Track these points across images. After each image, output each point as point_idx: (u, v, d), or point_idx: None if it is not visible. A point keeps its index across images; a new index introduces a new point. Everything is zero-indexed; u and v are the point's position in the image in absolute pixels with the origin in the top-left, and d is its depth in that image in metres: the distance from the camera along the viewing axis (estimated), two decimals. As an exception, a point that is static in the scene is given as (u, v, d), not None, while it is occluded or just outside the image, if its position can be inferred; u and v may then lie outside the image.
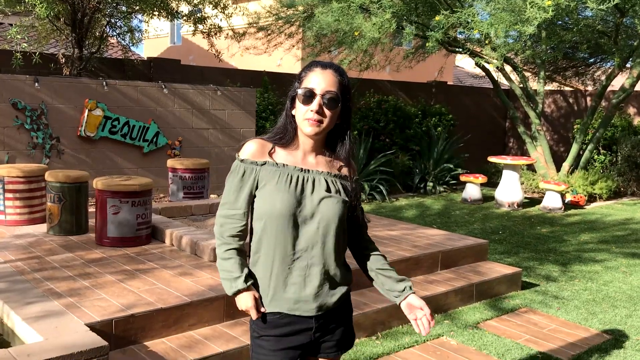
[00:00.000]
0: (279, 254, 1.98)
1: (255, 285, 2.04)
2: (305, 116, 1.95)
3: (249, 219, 2.06)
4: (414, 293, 2.15)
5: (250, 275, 2.04)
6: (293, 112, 2.01)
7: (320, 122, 1.95)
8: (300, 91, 1.96)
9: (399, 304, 2.15)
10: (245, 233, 2.06)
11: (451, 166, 11.09)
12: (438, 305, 4.63)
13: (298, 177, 1.99)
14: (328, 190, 2.00)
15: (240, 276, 2.01)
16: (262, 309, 2.02)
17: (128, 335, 3.40)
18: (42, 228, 5.42)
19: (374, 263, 2.20)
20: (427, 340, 4.11)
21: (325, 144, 2.08)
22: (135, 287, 3.87)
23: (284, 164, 2.00)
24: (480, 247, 5.60)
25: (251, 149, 2.02)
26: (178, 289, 3.86)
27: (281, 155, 2.03)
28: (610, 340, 4.25)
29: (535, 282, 5.63)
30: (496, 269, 5.35)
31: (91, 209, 6.01)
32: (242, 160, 2.03)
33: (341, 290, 2.09)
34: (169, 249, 4.90)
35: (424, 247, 5.32)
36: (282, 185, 1.97)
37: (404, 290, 2.14)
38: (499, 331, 4.34)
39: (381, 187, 9.79)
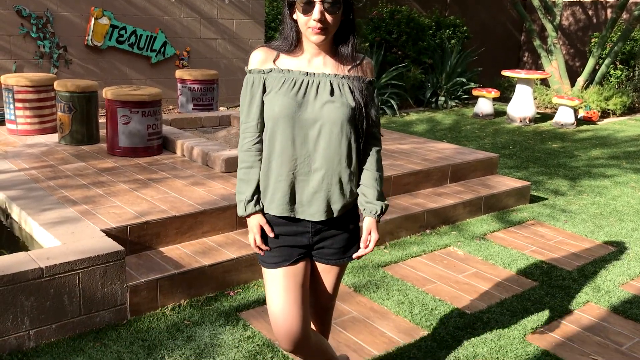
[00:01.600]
0: (281, 158, 1.99)
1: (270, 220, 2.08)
2: (308, 25, 1.89)
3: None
4: (374, 218, 2.08)
5: (258, 201, 2.07)
6: (294, 16, 1.95)
7: (324, 29, 1.89)
8: (298, 1, 1.89)
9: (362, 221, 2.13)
10: (261, 145, 2.06)
11: (464, 80, 10.90)
12: (446, 217, 4.69)
13: (302, 81, 1.96)
14: (332, 93, 1.95)
15: (247, 200, 2.05)
16: (269, 233, 2.06)
17: (143, 241, 3.49)
18: (54, 138, 5.44)
19: (362, 178, 2.11)
20: (435, 250, 4.20)
21: (334, 42, 2.00)
22: (149, 196, 3.93)
23: (288, 70, 1.98)
24: (491, 161, 5.60)
25: (257, 57, 2.02)
26: (191, 198, 3.91)
27: (286, 61, 2.00)
28: (614, 252, 4.32)
29: (544, 196, 5.67)
30: (505, 183, 5.37)
31: (101, 120, 6.01)
32: (250, 71, 2.03)
33: (342, 198, 2.03)
34: (180, 159, 4.93)
35: (434, 160, 5.32)
36: (284, 90, 1.95)
37: (366, 209, 2.09)
38: (506, 242, 4.42)
39: (392, 101, 9.68)
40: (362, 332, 3.08)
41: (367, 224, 2.09)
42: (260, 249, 2.09)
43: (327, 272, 2.17)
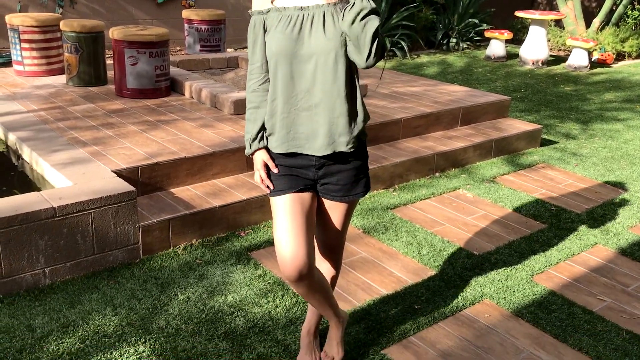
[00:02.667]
0: (283, 95, 2.01)
1: (277, 157, 2.11)
2: None
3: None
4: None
5: (263, 139, 2.12)
6: None
7: None
8: None
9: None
10: (267, 85, 2.09)
11: (476, 21, 10.64)
12: (456, 160, 4.67)
13: (298, 16, 1.96)
14: (324, 24, 1.94)
15: (252, 138, 2.12)
16: (273, 168, 2.11)
17: (153, 182, 3.51)
18: (61, 79, 5.41)
19: None
20: (444, 193, 4.21)
21: None
22: (158, 137, 3.93)
23: (284, 7, 1.99)
24: (502, 104, 5.53)
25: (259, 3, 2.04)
26: (200, 140, 3.91)
27: None
28: (624, 195, 4.31)
29: (555, 139, 5.62)
30: (516, 126, 5.32)
31: (109, 61, 5.95)
32: (252, 14, 2.06)
33: (346, 131, 2.02)
34: (188, 101, 4.90)
35: (444, 103, 5.26)
36: (280, 27, 1.97)
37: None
38: (515, 185, 4.41)
39: (402, 43, 9.50)
40: (371, 272, 3.13)
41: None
42: (267, 186, 2.14)
43: (334, 209, 2.18)
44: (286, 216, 2.06)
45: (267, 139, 2.12)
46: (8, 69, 5.76)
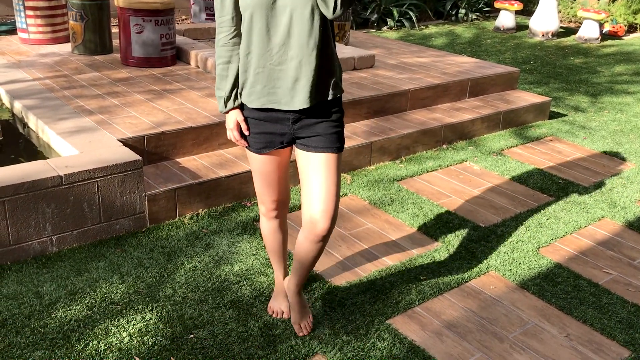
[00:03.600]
0: (258, 49, 1.99)
1: (251, 112, 2.11)
2: None
3: (239, 25, 2.04)
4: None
5: (237, 96, 2.11)
6: None
7: None
8: None
9: None
10: (237, 40, 2.06)
11: (486, -8, 10.48)
12: (463, 132, 4.64)
13: None
14: None
15: (227, 96, 2.10)
16: (245, 131, 2.13)
17: (160, 151, 3.50)
18: (67, 47, 5.36)
19: None
20: (451, 165, 4.19)
21: None
22: (164, 107, 3.91)
23: None
24: (511, 76, 5.47)
25: None
26: (206, 109, 3.88)
27: None
28: (633, 169, 4.28)
29: (564, 112, 5.57)
30: (525, 98, 5.27)
31: (114, 30, 5.90)
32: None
33: (323, 84, 2.04)
34: (194, 70, 4.86)
35: (453, 74, 5.20)
36: None
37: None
38: (523, 158, 4.38)
39: (410, 14, 9.37)
40: (377, 242, 3.13)
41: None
42: (241, 142, 2.18)
43: (318, 161, 2.11)
44: (262, 173, 2.23)
45: (240, 95, 2.10)
46: (13, 37, 5.72)
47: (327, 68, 2.04)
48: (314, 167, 2.11)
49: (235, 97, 2.10)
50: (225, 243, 3.03)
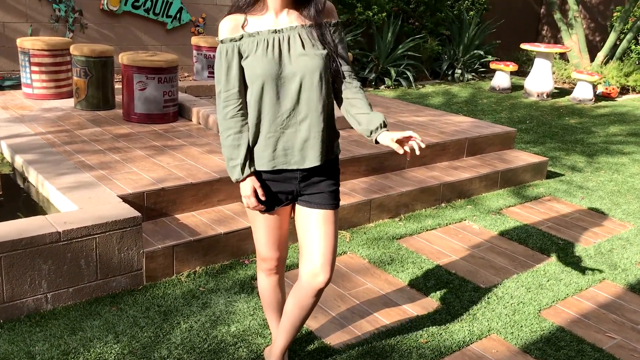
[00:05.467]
0: (269, 116, 2.06)
1: (258, 175, 2.14)
2: None
3: (245, 96, 2.11)
4: (387, 130, 2.10)
5: (252, 163, 2.13)
6: None
7: None
8: None
9: (376, 140, 2.12)
10: (245, 111, 2.10)
11: (481, 53, 10.73)
12: (462, 191, 4.66)
13: (273, 39, 2.02)
14: (303, 46, 2.03)
15: (242, 163, 2.11)
16: (261, 196, 2.14)
17: (159, 207, 3.50)
18: (70, 102, 5.43)
19: (352, 108, 2.15)
20: (450, 224, 4.18)
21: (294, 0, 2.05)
22: (165, 163, 3.92)
23: (257, 32, 2.03)
24: (508, 135, 5.54)
25: (226, 27, 2.06)
26: (207, 166, 3.90)
27: (254, 24, 2.05)
28: (631, 230, 4.28)
29: (561, 172, 5.61)
30: (522, 158, 5.31)
31: (117, 85, 5.99)
32: (222, 42, 2.07)
33: (329, 143, 2.16)
34: (195, 127, 4.91)
35: (450, 133, 5.27)
36: (260, 52, 2.02)
37: (378, 127, 2.09)
38: (522, 217, 4.38)
39: (408, 73, 9.56)
40: (376, 303, 3.09)
41: (386, 135, 2.07)
42: (259, 208, 2.18)
43: (319, 219, 2.16)
44: (266, 230, 2.24)
45: (255, 156, 2.14)
46: (17, 92, 5.80)
47: (331, 127, 2.17)
48: (314, 223, 2.17)
49: (251, 164, 2.12)
50: (223, 302, 2.99)
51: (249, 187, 2.13)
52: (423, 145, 2.07)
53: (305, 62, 2.01)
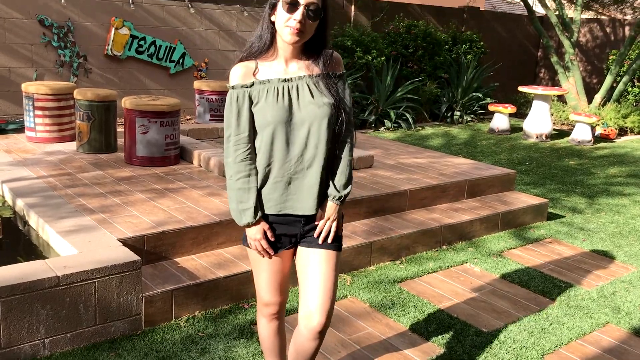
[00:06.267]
0: (278, 160, 2.11)
1: (265, 218, 2.17)
2: (287, 24, 2.01)
3: (254, 141, 2.15)
4: (336, 203, 2.19)
5: (261, 206, 2.16)
6: (272, 18, 2.08)
7: (301, 31, 2.02)
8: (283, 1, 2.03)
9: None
10: (253, 155, 2.14)
11: (480, 95, 10.86)
12: (463, 233, 4.65)
13: (283, 88, 2.09)
14: (312, 95, 2.10)
15: (254, 207, 2.12)
16: (271, 238, 2.16)
17: (159, 251, 3.49)
18: (72, 146, 5.48)
19: (336, 164, 2.23)
20: (451, 266, 4.16)
21: (304, 49, 2.13)
22: (165, 206, 3.93)
23: (268, 80, 2.10)
24: (507, 177, 5.56)
25: (237, 73, 2.13)
26: (207, 208, 3.91)
27: (264, 71, 2.12)
28: (634, 273, 4.25)
29: (561, 213, 5.61)
30: (522, 199, 5.32)
31: (120, 129, 6.05)
32: (232, 87, 2.13)
33: (333, 190, 2.20)
34: (197, 169, 4.94)
35: (450, 175, 5.29)
36: (270, 99, 2.08)
37: (330, 196, 2.20)
38: (523, 260, 4.36)
39: (407, 115, 9.66)
40: (377, 348, 3.05)
41: (328, 207, 2.19)
42: (267, 252, 2.19)
43: (320, 259, 2.19)
44: (269, 274, 2.24)
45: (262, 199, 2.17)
46: (20, 135, 5.86)
47: (335, 172, 2.21)
48: (315, 264, 2.19)
49: (261, 207, 2.15)
50: (222, 348, 2.95)
51: (259, 230, 2.15)
52: (322, 236, 2.19)
53: (313, 110, 2.08)
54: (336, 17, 10.73)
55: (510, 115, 10.49)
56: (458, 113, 10.69)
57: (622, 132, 10.50)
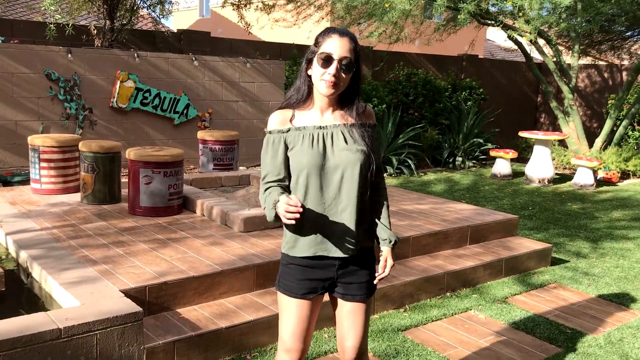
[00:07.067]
0: (312, 204, 2.21)
1: (297, 261, 2.27)
2: (322, 77, 2.15)
3: (288, 183, 2.26)
4: (390, 247, 2.33)
5: (296, 249, 2.26)
6: (309, 72, 2.22)
7: (336, 84, 2.15)
8: (319, 55, 2.15)
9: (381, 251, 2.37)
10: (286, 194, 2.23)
11: (481, 141, 10.96)
12: (466, 280, 4.62)
13: (318, 134, 2.21)
14: (346, 142, 2.22)
15: (279, 196, 2.18)
16: (299, 204, 2.02)
17: (161, 302, 3.48)
18: (76, 197, 5.53)
19: (376, 210, 2.38)
20: (455, 314, 4.12)
21: (339, 100, 2.26)
22: (168, 256, 3.94)
23: (304, 126, 2.22)
24: (510, 222, 5.56)
25: (275, 120, 2.26)
26: (209, 258, 3.92)
27: (301, 119, 2.25)
28: (641, 318, 4.21)
29: (565, 258, 5.58)
30: (525, 245, 5.31)
31: (124, 179, 6.11)
32: (270, 132, 2.27)
33: (365, 233, 2.29)
34: (199, 219, 4.97)
35: (452, 221, 5.30)
36: (306, 144, 2.20)
37: (385, 240, 2.34)
38: (528, 306, 4.32)
39: (409, 162, 9.73)
40: (382, 399, 3.00)
41: (385, 251, 2.33)
42: (296, 209, 2.04)
43: (355, 312, 2.32)
44: (296, 319, 2.28)
45: (292, 243, 2.26)
46: (25, 187, 5.92)
47: (369, 218, 2.32)
48: (349, 313, 2.32)
49: (297, 248, 2.25)
50: (224, 400, 2.91)
51: (283, 200, 2.04)
52: (378, 279, 2.34)
53: (347, 156, 2.19)
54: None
55: (512, 160, 10.56)
56: (460, 159, 10.77)
57: (624, 175, 10.53)
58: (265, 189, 2.24)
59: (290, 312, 2.28)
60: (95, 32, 8.61)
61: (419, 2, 8.22)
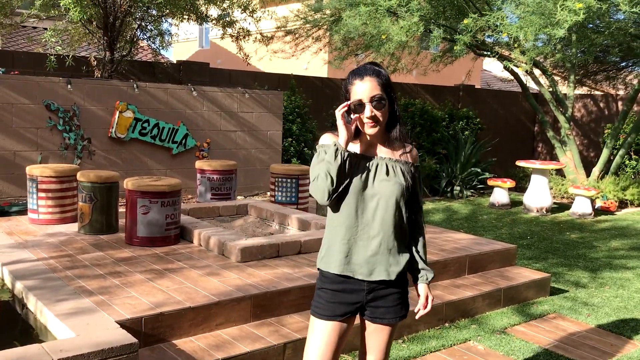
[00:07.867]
0: (346, 224, 2.35)
1: (329, 278, 2.42)
2: (363, 121, 2.32)
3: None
4: (426, 283, 2.53)
5: (327, 264, 2.42)
6: (352, 116, 2.36)
7: (376, 122, 2.31)
8: (352, 103, 2.31)
9: (416, 286, 2.55)
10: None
11: (478, 170, 11.00)
12: (465, 310, 4.59)
13: (365, 163, 2.36)
14: (387, 173, 2.35)
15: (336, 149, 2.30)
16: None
17: (157, 333, 3.45)
18: (74, 227, 5.52)
19: (413, 245, 2.52)
20: (454, 345, 4.09)
21: (385, 129, 2.39)
22: (164, 286, 3.92)
23: (355, 153, 2.38)
24: (508, 252, 5.54)
25: (329, 139, 2.40)
26: (206, 289, 3.89)
27: (351, 148, 2.40)
28: (642, 349, 4.17)
29: (565, 288, 5.55)
30: (524, 274, 5.29)
31: (121, 209, 6.10)
32: (322, 146, 2.40)
33: (396, 262, 2.38)
34: (197, 249, 4.95)
35: (451, 250, 5.28)
36: (354, 168, 2.34)
37: (422, 277, 2.54)
38: (527, 337, 4.29)
39: (407, 191, 9.74)
40: None
41: (423, 288, 2.54)
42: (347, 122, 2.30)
43: (379, 331, 2.45)
44: (322, 341, 2.38)
45: (324, 252, 2.41)
46: (23, 217, 5.91)
47: (402, 249, 2.41)
48: (375, 330, 2.45)
49: (327, 264, 2.40)
50: None
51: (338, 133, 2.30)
52: (421, 314, 2.57)
53: (385, 186, 2.33)
54: (334, 100, 11.02)
55: (510, 189, 10.58)
56: (458, 188, 10.79)
57: (622, 204, 10.54)
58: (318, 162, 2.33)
59: (318, 334, 2.38)
60: (95, 63, 8.70)
61: (415, 33, 8.33)
